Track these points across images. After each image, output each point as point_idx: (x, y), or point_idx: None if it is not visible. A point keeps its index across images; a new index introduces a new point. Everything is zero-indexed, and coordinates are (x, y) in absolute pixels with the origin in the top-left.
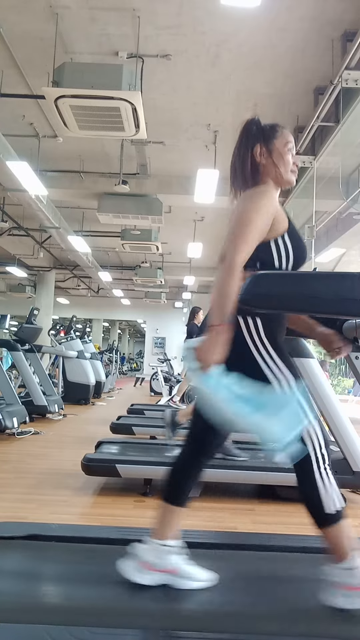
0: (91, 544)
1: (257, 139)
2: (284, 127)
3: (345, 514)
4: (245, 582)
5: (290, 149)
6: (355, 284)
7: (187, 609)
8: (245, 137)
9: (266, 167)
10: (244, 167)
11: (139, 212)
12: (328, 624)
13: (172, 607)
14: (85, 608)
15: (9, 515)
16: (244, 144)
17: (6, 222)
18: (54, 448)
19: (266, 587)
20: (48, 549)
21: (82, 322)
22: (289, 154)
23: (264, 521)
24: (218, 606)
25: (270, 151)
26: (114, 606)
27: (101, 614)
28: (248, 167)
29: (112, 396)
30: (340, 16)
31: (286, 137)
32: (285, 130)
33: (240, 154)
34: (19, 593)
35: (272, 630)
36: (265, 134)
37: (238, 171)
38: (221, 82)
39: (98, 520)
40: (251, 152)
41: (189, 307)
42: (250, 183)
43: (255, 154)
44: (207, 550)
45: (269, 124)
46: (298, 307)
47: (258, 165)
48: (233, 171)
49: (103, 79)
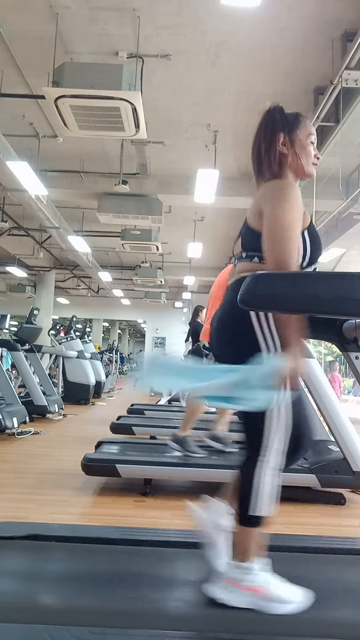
0: (91, 544)
1: (281, 128)
2: (306, 118)
3: (266, 523)
4: None
5: (312, 141)
6: (355, 284)
7: (187, 609)
8: (269, 125)
9: (288, 157)
10: (269, 156)
11: (139, 212)
12: (328, 623)
13: (172, 608)
14: (85, 608)
15: (9, 515)
16: (269, 132)
17: (6, 222)
18: (54, 448)
19: None
20: (48, 549)
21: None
22: (311, 145)
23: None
24: (218, 606)
25: (292, 141)
26: (114, 606)
27: (101, 614)
28: (274, 156)
29: (112, 396)
30: (340, 16)
31: (309, 128)
32: (308, 121)
33: (266, 142)
34: (19, 593)
35: (272, 631)
36: (289, 122)
37: (264, 160)
38: (221, 82)
39: (98, 520)
40: (276, 140)
41: (189, 307)
42: (272, 173)
43: (278, 143)
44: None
45: (292, 113)
46: (298, 307)
47: (281, 155)
48: (258, 158)
49: (103, 79)
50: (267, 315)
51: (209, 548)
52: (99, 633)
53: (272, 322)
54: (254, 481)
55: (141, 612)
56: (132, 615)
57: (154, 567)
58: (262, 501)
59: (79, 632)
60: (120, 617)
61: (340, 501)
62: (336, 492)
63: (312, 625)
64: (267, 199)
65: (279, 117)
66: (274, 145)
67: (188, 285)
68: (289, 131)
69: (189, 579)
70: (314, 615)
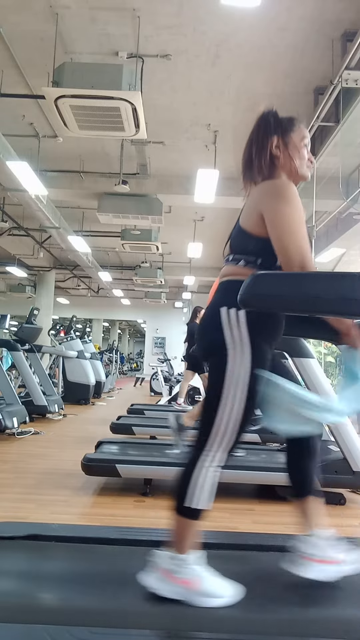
0: (91, 544)
1: (274, 131)
2: (300, 121)
3: (203, 517)
4: (245, 583)
5: (306, 144)
6: (355, 284)
7: (187, 609)
8: (262, 128)
9: (281, 160)
10: (260, 159)
11: (139, 212)
12: (328, 624)
13: (172, 608)
14: (85, 608)
15: (9, 515)
16: (261, 135)
17: (6, 222)
18: (54, 448)
19: (266, 588)
20: (48, 549)
21: (82, 322)
22: (305, 148)
23: (264, 521)
24: (218, 606)
25: (286, 144)
26: (114, 606)
27: (101, 614)
28: (264, 159)
29: (112, 396)
30: (340, 16)
31: (303, 132)
32: (302, 125)
33: (258, 144)
34: (19, 593)
35: (272, 631)
36: (282, 126)
37: (254, 162)
38: (221, 82)
39: (98, 520)
40: (268, 144)
41: (189, 307)
42: (264, 175)
43: (272, 146)
44: (207, 550)
45: (287, 117)
46: (298, 307)
47: (274, 157)
48: (247, 162)
49: (103, 79)
50: (240, 324)
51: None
52: (99, 633)
53: (245, 333)
54: (195, 474)
55: (141, 612)
56: (132, 615)
57: None
58: (200, 494)
59: (79, 632)
60: (120, 617)
61: (340, 501)
62: (336, 492)
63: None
64: (267, 200)
65: (272, 120)
66: (265, 148)
67: (188, 285)
68: (282, 134)
69: None
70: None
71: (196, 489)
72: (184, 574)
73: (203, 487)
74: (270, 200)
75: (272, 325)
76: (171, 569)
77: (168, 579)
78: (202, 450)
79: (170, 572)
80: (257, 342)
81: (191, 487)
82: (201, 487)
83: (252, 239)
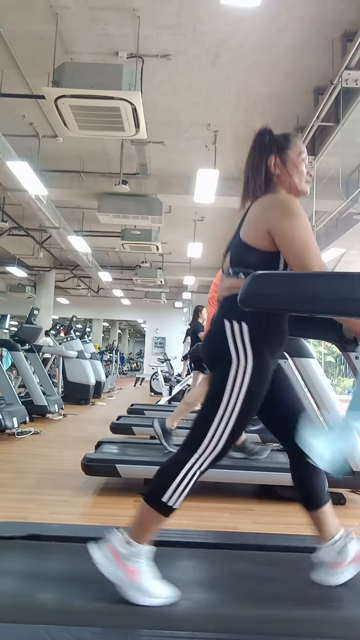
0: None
1: (270, 150)
2: (296, 137)
3: (170, 516)
4: (245, 583)
5: (304, 159)
6: (355, 284)
7: (187, 610)
8: (258, 148)
9: (280, 177)
10: (257, 178)
11: (139, 212)
12: (328, 623)
13: (171, 608)
14: (85, 608)
15: (9, 515)
16: (257, 155)
17: (6, 222)
18: (54, 448)
19: (266, 588)
20: (48, 549)
21: (82, 322)
22: (302, 163)
23: (264, 521)
24: (218, 607)
25: (284, 162)
26: (114, 606)
27: (101, 614)
28: (262, 178)
29: (112, 396)
30: (340, 16)
31: (299, 147)
32: (298, 140)
33: (254, 164)
34: (19, 593)
35: (272, 631)
36: (278, 144)
37: (251, 181)
38: (221, 82)
39: (98, 520)
40: (265, 163)
41: (189, 307)
42: (262, 192)
43: (270, 164)
44: (207, 550)
45: (282, 134)
46: (298, 308)
47: (272, 176)
48: (246, 181)
49: (103, 79)
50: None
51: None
52: (99, 633)
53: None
54: (180, 474)
55: (142, 612)
56: (132, 615)
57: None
58: (179, 495)
59: (79, 632)
60: (120, 617)
61: (340, 501)
62: (336, 492)
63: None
64: (275, 218)
65: (268, 139)
66: (261, 170)
67: (188, 285)
68: (279, 152)
69: (190, 578)
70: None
71: (178, 488)
72: (132, 563)
73: (184, 489)
74: (279, 217)
75: (275, 336)
76: (122, 553)
77: (116, 562)
78: (192, 453)
79: (120, 555)
80: (260, 354)
81: (173, 485)
82: (182, 489)
83: (253, 252)
